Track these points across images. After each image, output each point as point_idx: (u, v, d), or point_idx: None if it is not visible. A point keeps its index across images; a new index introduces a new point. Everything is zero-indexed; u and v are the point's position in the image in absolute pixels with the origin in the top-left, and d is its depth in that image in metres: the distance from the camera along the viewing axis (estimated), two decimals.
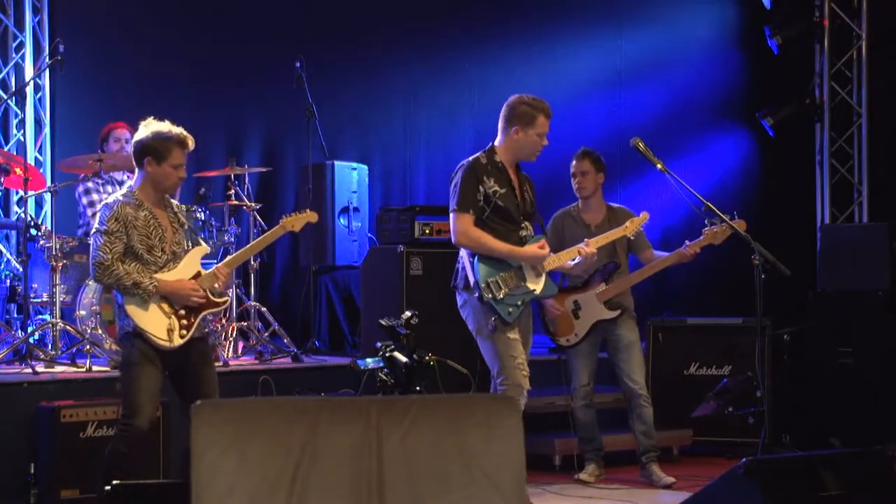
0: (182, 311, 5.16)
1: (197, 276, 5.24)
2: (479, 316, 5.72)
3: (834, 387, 8.02)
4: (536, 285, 5.79)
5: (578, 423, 6.85)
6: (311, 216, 5.80)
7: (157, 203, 5.23)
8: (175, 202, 5.41)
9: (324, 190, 8.87)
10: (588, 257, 5.92)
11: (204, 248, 5.38)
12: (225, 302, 5.46)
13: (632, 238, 6.48)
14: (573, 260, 5.96)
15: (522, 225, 5.80)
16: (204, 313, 5.24)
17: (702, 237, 6.50)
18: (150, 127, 5.19)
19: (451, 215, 5.78)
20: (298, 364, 7.56)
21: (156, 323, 5.10)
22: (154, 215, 5.17)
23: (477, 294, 5.66)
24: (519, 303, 5.70)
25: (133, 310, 5.09)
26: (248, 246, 5.82)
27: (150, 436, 5.60)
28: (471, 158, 5.87)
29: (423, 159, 10.39)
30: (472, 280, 5.70)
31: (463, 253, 5.82)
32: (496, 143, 5.91)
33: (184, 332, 5.15)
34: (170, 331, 5.11)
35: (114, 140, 7.70)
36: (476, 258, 5.69)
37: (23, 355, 6.80)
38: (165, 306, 5.14)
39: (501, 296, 5.65)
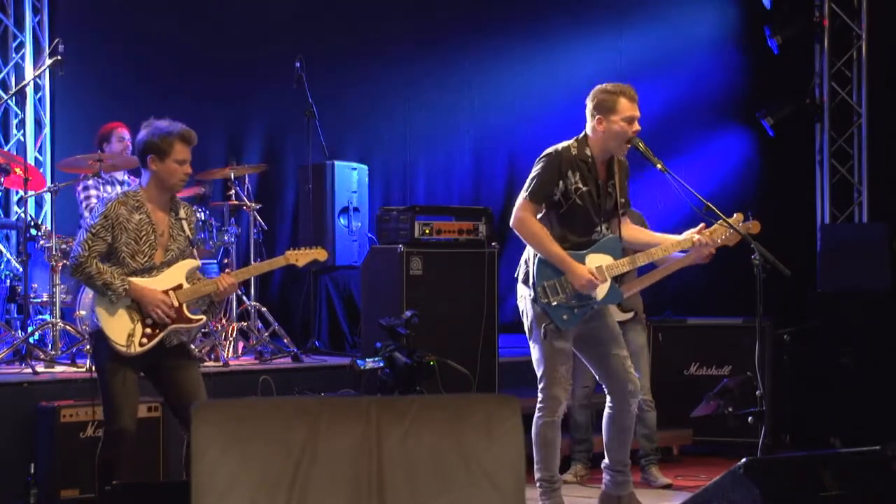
0: (149, 320, 5.04)
1: (178, 287, 5.11)
2: (533, 317, 5.45)
3: (834, 387, 8.03)
4: (599, 292, 5.44)
5: (574, 423, 6.85)
6: (319, 254, 5.62)
7: (163, 205, 5.14)
8: (187, 208, 5.28)
9: (324, 190, 8.87)
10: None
11: (193, 261, 5.22)
12: (199, 321, 5.23)
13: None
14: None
15: (597, 229, 5.48)
16: (172, 328, 5.08)
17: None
18: (150, 125, 5.12)
19: (519, 199, 5.45)
20: (298, 364, 7.56)
21: (118, 327, 4.99)
22: (151, 220, 5.07)
23: (533, 296, 5.42)
24: (576, 311, 5.41)
25: (100, 310, 5.01)
26: (251, 266, 5.70)
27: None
28: (560, 146, 5.48)
29: (423, 159, 10.40)
30: (531, 279, 5.43)
31: (529, 249, 5.52)
32: (589, 134, 5.51)
33: (144, 340, 5.01)
34: (129, 336, 4.98)
35: (117, 140, 7.70)
36: (538, 257, 5.41)
37: (23, 355, 6.79)
38: (134, 312, 5.03)
39: (556, 303, 5.37)
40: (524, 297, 5.49)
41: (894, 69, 9.70)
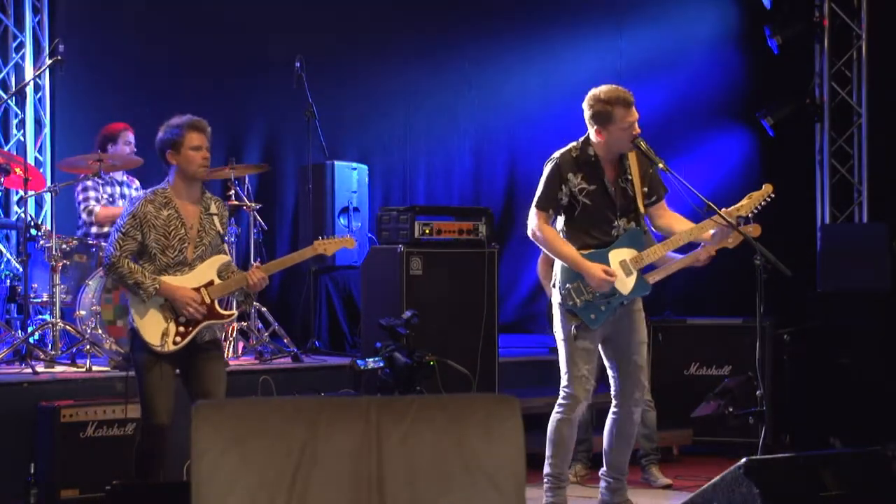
0: (182, 319, 5.15)
1: (210, 284, 5.22)
2: (562, 318, 5.45)
3: (834, 387, 8.02)
4: (624, 287, 5.43)
5: None
6: (347, 242, 5.76)
7: (193, 200, 5.23)
8: (219, 203, 5.35)
9: (324, 190, 8.86)
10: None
11: (225, 257, 5.33)
12: (231, 316, 5.43)
13: None
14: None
15: (615, 224, 5.45)
16: (205, 324, 5.19)
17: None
18: (164, 126, 5.25)
19: (531, 208, 5.49)
20: (298, 364, 7.56)
21: (152, 325, 5.11)
22: (180, 214, 5.16)
23: (560, 299, 5.43)
24: (603, 308, 5.40)
25: (135, 309, 5.13)
26: (281, 259, 5.73)
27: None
28: (560, 151, 5.49)
29: (423, 159, 10.40)
30: (557, 283, 5.46)
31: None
32: (591, 138, 5.50)
33: (178, 339, 5.12)
34: (164, 335, 5.09)
35: (123, 142, 7.66)
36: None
37: (23, 355, 6.79)
38: (167, 311, 5.14)
39: (581, 304, 5.37)
40: (554, 299, 5.52)
41: (894, 69, 9.71)
